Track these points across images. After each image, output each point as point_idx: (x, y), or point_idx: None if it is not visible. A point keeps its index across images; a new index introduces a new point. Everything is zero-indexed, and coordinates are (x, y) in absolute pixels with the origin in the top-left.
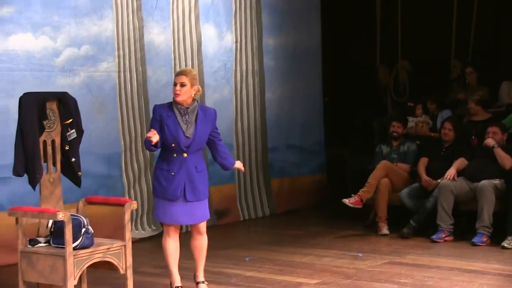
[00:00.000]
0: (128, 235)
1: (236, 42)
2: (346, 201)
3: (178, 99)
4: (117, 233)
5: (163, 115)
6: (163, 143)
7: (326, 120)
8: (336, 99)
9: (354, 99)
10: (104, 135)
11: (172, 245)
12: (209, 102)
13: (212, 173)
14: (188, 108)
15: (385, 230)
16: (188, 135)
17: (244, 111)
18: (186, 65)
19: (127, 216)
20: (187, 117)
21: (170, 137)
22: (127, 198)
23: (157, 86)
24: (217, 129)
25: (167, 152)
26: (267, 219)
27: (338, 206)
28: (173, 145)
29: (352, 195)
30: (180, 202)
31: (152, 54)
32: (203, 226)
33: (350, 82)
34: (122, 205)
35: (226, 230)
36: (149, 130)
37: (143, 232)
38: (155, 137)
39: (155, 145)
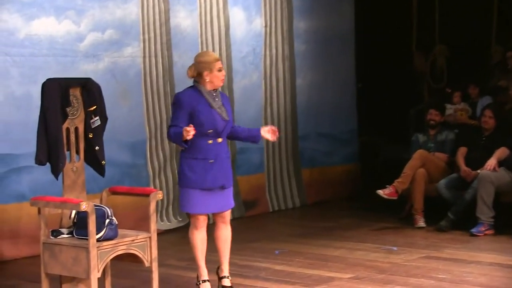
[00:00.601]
0: (153, 227)
1: (266, 26)
2: (380, 192)
3: (222, 83)
4: (141, 224)
5: (193, 102)
6: (196, 131)
7: (359, 107)
8: (369, 85)
9: (389, 85)
10: (128, 122)
11: (200, 237)
12: (237, 88)
13: (240, 162)
14: (216, 92)
15: (421, 222)
16: (225, 118)
17: (273, 97)
18: (213, 50)
19: (152, 207)
20: (217, 99)
21: (207, 123)
22: (152, 188)
23: (183, 71)
24: None
25: (200, 139)
26: (297, 210)
27: (372, 198)
28: (210, 130)
29: (387, 186)
30: (216, 190)
31: (179, 39)
32: (228, 214)
33: (384, 68)
34: (147, 195)
35: (254, 221)
36: (174, 119)
37: (169, 223)
38: (191, 130)
39: (186, 141)
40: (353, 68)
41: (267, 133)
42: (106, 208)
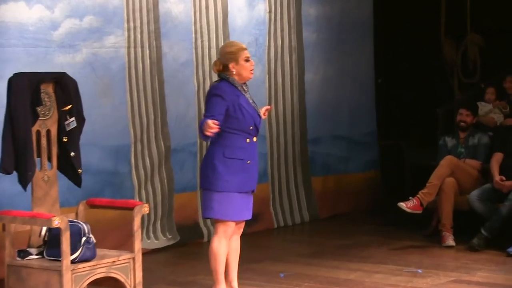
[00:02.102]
0: (137, 246)
1: (270, 11)
2: (402, 205)
3: (252, 75)
4: (124, 243)
5: (233, 97)
6: (235, 128)
7: (379, 106)
8: (391, 81)
9: (413, 81)
10: (110, 124)
11: (225, 250)
12: None
13: None
14: (245, 85)
15: (450, 240)
16: (260, 114)
17: (279, 95)
18: (209, 40)
19: (137, 223)
20: (249, 95)
21: (249, 119)
22: (137, 200)
23: (174, 65)
24: None
25: (239, 137)
26: (306, 226)
27: (394, 211)
28: (251, 127)
29: (410, 198)
30: (249, 194)
31: (169, 27)
32: (244, 223)
33: (408, 60)
34: (131, 208)
35: (256, 239)
36: (211, 109)
37: (156, 241)
38: (214, 127)
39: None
40: (372, 61)
41: (264, 115)
42: (83, 224)
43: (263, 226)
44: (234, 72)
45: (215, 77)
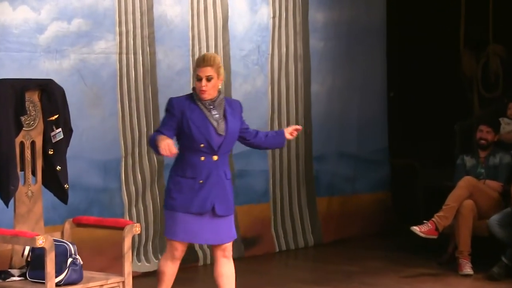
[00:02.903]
0: (127, 268)
1: (274, 17)
2: (416, 229)
3: (205, 96)
4: (113, 265)
5: (185, 110)
6: (186, 144)
7: (391, 121)
8: (404, 94)
9: (428, 94)
10: (99, 136)
11: (171, 270)
12: (237, 95)
13: (239, 189)
14: (214, 101)
15: (468, 268)
16: (220, 133)
17: (282, 107)
18: (207, 47)
19: (127, 243)
20: (215, 112)
21: (198, 136)
22: (128, 219)
23: (169, 73)
24: (244, 120)
25: (191, 154)
26: (310, 250)
27: (405, 236)
28: (202, 145)
29: (425, 221)
30: (206, 216)
31: (164, 32)
32: (230, 247)
33: (423, 72)
34: (120, 228)
35: (256, 263)
36: (161, 125)
37: (148, 264)
38: (173, 148)
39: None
40: (384, 72)
41: (291, 135)
42: (69, 244)
43: (263, 249)
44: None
45: None
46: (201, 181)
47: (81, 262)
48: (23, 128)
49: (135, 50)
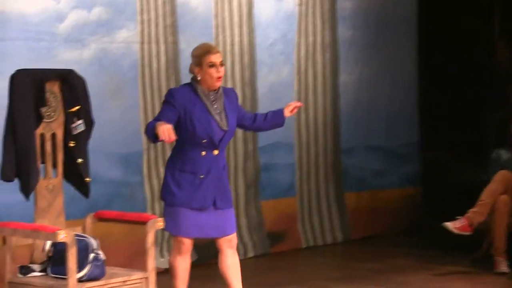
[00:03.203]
0: (151, 264)
1: (301, 4)
2: (449, 225)
3: (219, 84)
4: (136, 260)
5: (187, 104)
6: (186, 139)
7: (422, 112)
8: (436, 85)
9: (461, 85)
10: (121, 128)
11: (183, 266)
12: (262, 86)
13: (265, 183)
14: (216, 93)
15: (503, 267)
16: (223, 128)
17: (309, 98)
18: (232, 35)
19: (150, 238)
20: (216, 105)
21: (201, 131)
22: (150, 213)
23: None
24: (240, 106)
25: (191, 149)
26: (338, 247)
27: (437, 232)
28: (205, 141)
29: (458, 217)
30: (207, 211)
31: (187, 20)
32: (235, 238)
33: (456, 63)
34: (143, 223)
35: (282, 260)
36: (158, 115)
37: (162, 259)
38: (172, 134)
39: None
40: (415, 62)
41: (291, 112)
42: (91, 239)
43: (289, 245)
44: (199, 78)
45: (237, 77)
46: (201, 176)
47: (103, 258)
48: (43, 120)
49: (157, 39)
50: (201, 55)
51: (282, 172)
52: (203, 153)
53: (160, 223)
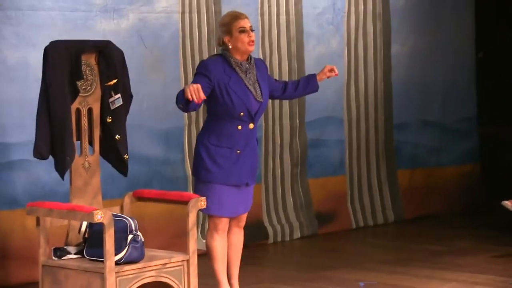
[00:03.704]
0: (193, 246)
1: None
2: (508, 203)
3: (253, 48)
4: (177, 242)
5: (222, 77)
6: (221, 112)
7: (480, 85)
8: (495, 56)
9: None
10: (160, 103)
11: (222, 245)
12: (310, 58)
13: (312, 160)
14: (249, 63)
15: None
16: (258, 99)
17: (359, 71)
18: (278, 4)
19: (192, 219)
20: (250, 75)
21: (238, 104)
22: (192, 192)
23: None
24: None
25: (227, 123)
26: (390, 227)
27: (497, 212)
28: (242, 114)
29: None
30: (241, 187)
31: None
32: (245, 216)
33: None
34: (185, 202)
35: (332, 241)
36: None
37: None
38: (202, 93)
39: (192, 105)
40: (472, 31)
41: (327, 75)
42: (129, 219)
43: (339, 226)
44: (230, 47)
45: (284, 49)
46: (238, 151)
47: (143, 239)
48: (80, 94)
49: (199, 9)
50: (230, 22)
51: (331, 149)
52: (240, 127)
53: (202, 203)
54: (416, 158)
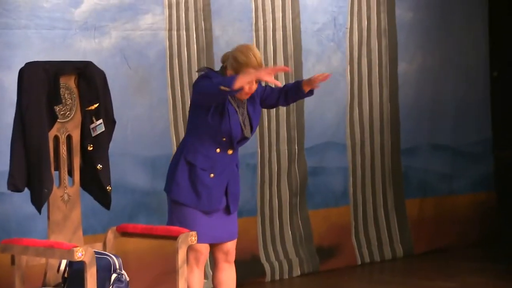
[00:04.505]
0: (182, 285)
1: None
2: None
3: (246, 97)
4: (165, 281)
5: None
6: (203, 130)
7: (495, 106)
8: (510, 74)
9: None
10: (147, 128)
11: (200, 278)
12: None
13: (313, 188)
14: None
15: None
16: (246, 135)
17: (363, 91)
18: (273, 19)
19: (181, 256)
20: (243, 110)
21: (225, 128)
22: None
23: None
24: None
25: (206, 143)
26: (399, 262)
27: None
28: (224, 139)
29: None
30: (220, 212)
31: (222, 3)
32: (233, 250)
33: None
34: (174, 237)
35: (335, 279)
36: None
37: (205, 280)
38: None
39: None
40: (486, 48)
41: (317, 82)
42: (113, 256)
43: (342, 261)
44: None
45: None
46: (212, 175)
47: (127, 279)
48: (58, 120)
49: (187, 26)
50: (243, 65)
51: (333, 176)
52: (218, 150)
53: (193, 238)
54: (426, 185)
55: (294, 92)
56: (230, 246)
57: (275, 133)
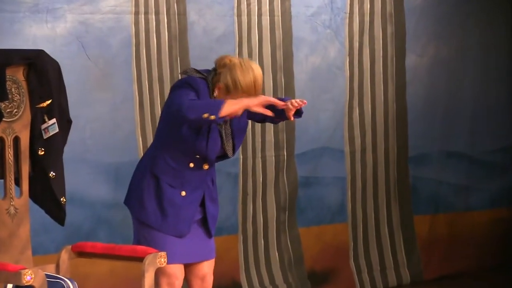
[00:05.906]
0: None
1: None
2: None
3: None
4: None
5: None
6: (175, 144)
7: None
8: None
9: None
10: (109, 130)
11: None
12: (300, 72)
13: (305, 204)
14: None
15: None
16: (228, 153)
17: (365, 88)
18: (259, 2)
19: (149, 280)
20: (227, 126)
21: (200, 146)
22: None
23: (205, 40)
24: None
25: (177, 157)
26: None
27: None
28: (198, 156)
29: None
30: (193, 229)
31: None
32: (211, 275)
33: None
34: (139, 259)
35: None
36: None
37: None
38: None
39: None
40: (509, 38)
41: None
42: (67, 280)
43: (341, 287)
44: (215, 95)
45: (267, 59)
46: (183, 193)
47: None
48: (3, 119)
49: (157, 9)
50: (238, 89)
51: (328, 188)
52: (191, 165)
53: (162, 259)
54: (437, 200)
55: (278, 114)
56: (207, 270)
57: (260, 137)
